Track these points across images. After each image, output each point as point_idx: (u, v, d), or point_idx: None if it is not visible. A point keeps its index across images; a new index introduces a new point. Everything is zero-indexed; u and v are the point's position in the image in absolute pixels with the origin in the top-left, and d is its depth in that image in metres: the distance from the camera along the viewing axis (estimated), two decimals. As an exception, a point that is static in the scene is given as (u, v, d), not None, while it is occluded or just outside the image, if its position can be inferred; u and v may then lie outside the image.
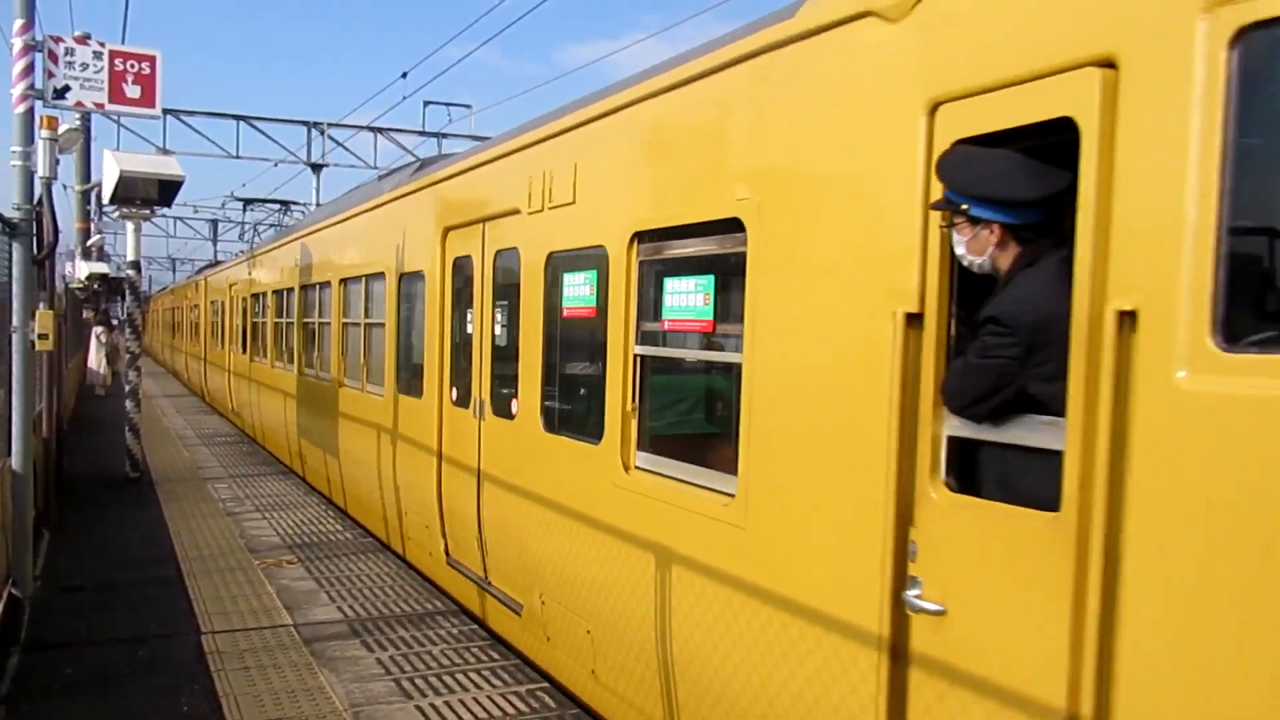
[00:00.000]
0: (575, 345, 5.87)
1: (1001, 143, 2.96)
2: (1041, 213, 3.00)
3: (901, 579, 3.18)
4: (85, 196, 19.31)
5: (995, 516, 2.92)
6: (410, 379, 8.39)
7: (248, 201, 35.39)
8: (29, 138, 7.82)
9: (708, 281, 4.51)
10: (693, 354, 4.96)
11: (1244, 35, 2.28)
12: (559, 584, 5.67)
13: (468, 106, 25.16)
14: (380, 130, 25.09)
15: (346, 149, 25.54)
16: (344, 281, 10.72)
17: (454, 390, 7.43)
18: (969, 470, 3.10)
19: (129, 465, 12.55)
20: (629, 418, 4.93)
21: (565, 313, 5.78)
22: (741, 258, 4.04)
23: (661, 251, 4.86)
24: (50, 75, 8.64)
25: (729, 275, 4.31)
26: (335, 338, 10.90)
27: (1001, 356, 2.92)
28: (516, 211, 6.24)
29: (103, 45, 9.04)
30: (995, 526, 2.91)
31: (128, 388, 12.77)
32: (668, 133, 4.75)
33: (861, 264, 3.40)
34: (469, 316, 7.12)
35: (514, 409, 6.31)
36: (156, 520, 10.24)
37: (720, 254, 4.39)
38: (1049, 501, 2.71)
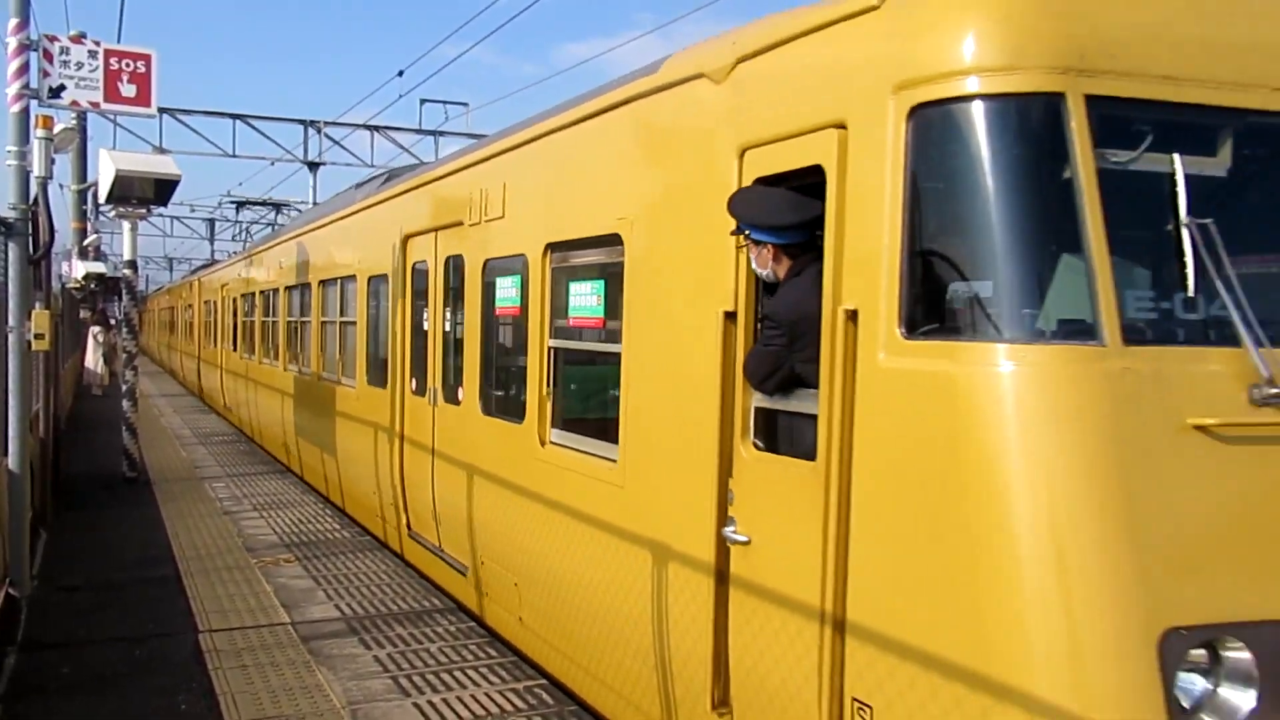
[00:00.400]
0: (506, 340, 6.78)
1: (786, 181, 3.83)
2: (805, 234, 3.79)
3: (723, 519, 4.07)
4: (82, 196, 19.30)
5: (781, 467, 3.81)
6: (377, 371, 9.26)
7: (241, 204, 36.02)
8: (24, 137, 7.82)
9: (600, 285, 5.43)
10: (589, 345, 5.75)
11: (915, 111, 3.20)
12: (494, 545, 6.54)
13: (464, 104, 25.19)
14: (377, 128, 25.08)
15: (343, 147, 25.55)
16: (322, 283, 11.60)
17: (413, 381, 8.26)
18: (771, 433, 3.98)
19: (126, 465, 12.54)
20: (545, 401, 5.80)
21: (498, 311, 6.69)
22: (621, 266, 4.92)
23: (568, 260, 5.77)
24: (45, 74, 8.62)
25: (614, 280, 5.12)
26: (315, 335, 11.76)
27: (774, 345, 3.84)
28: (461, 223, 7.13)
29: (98, 44, 9.02)
30: (781, 475, 3.78)
31: (124, 387, 12.76)
32: (569, 161, 5.72)
33: (700, 273, 4.30)
34: (425, 315, 7.97)
35: (460, 396, 7.18)
36: (154, 520, 10.24)
37: (608, 263, 5.24)
38: (812, 453, 3.54)
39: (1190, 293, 3.12)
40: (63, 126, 11.53)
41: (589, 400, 5.95)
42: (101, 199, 12.42)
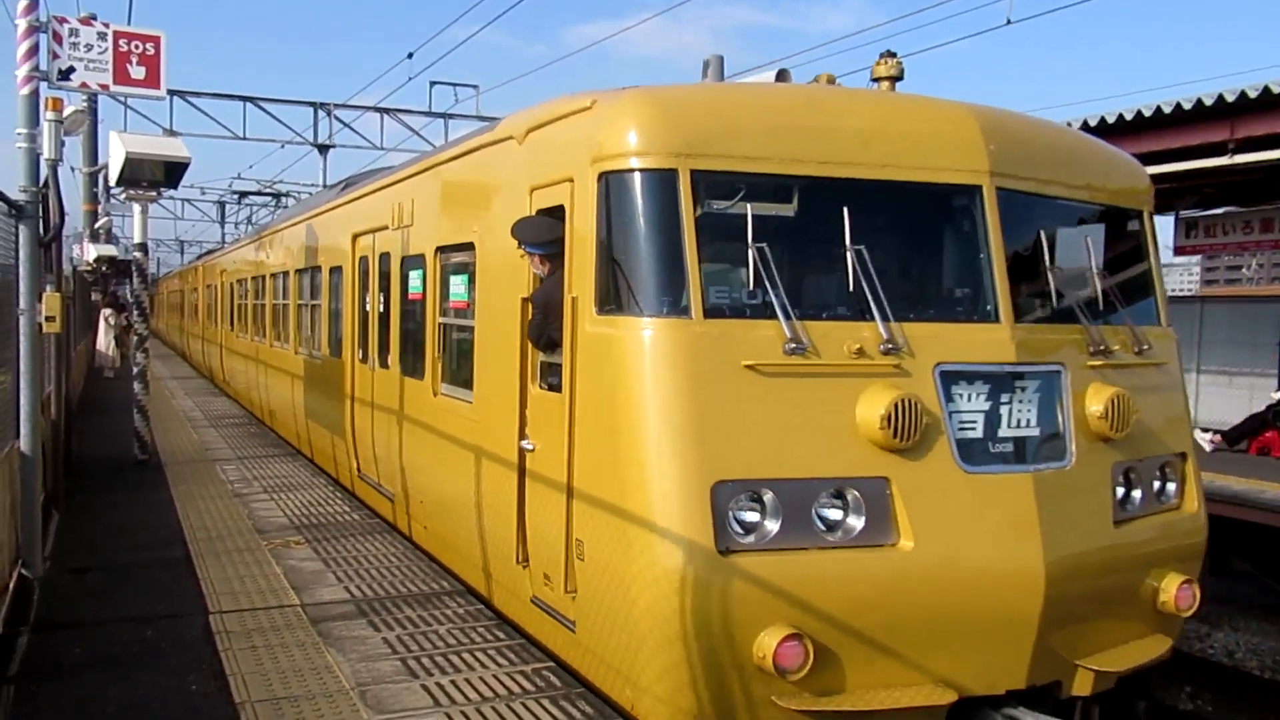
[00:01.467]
0: (415, 318, 8.55)
1: (554, 212, 5.79)
2: (557, 248, 5.72)
3: (522, 434, 6.10)
4: (92, 179, 19.35)
5: (549, 399, 5.83)
6: (335, 344, 11.38)
7: (243, 194, 38.47)
8: (34, 119, 7.81)
9: (465, 279, 7.34)
10: (460, 322, 7.56)
11: (602, 176, 5.27)
12: (409, 474, 8.60)
13: (474, 87, 25.12)
14: (387, 111, 25.04)
15: (354, 130, 25.57)
16: (297, 271, 13.83)
17: (359, 351, 10.28)
18: (549, 378, 5.95)
19: (137, 447, 12.60)
20: (436, 362, 7.96)
21: (410, 296, 8.64)
22: (474, 266, 7.05)
23: (449, 259, 7.79)
24: (55, 56, 8.59)
25: (473, 275, 7.14)
26: (293, 315, 13.98)
27: (537, 319, 5.87)
28: (387, 227, 9.24)
29: (107, 26, 9.00)
30: (549, 403, 5.83)
31: (135, 370, 12.81)
32: (446, 187, 7.90)
33: (509, 271, 6.36)
34: (366, 298, 10.04)
35: (389, 362, 9.20)
36: (165, 502, 10.30)
37: (469, 262, 7.21)
38: (561, 388, 5.59)
39: (752, 287, 5.05)
40: (73, 109, 11.51)
41: (462, 361, 7.62)
42: (112, 181, 12.42)
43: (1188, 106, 12.08)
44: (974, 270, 5.57)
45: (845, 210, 5.18)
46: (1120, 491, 5.72)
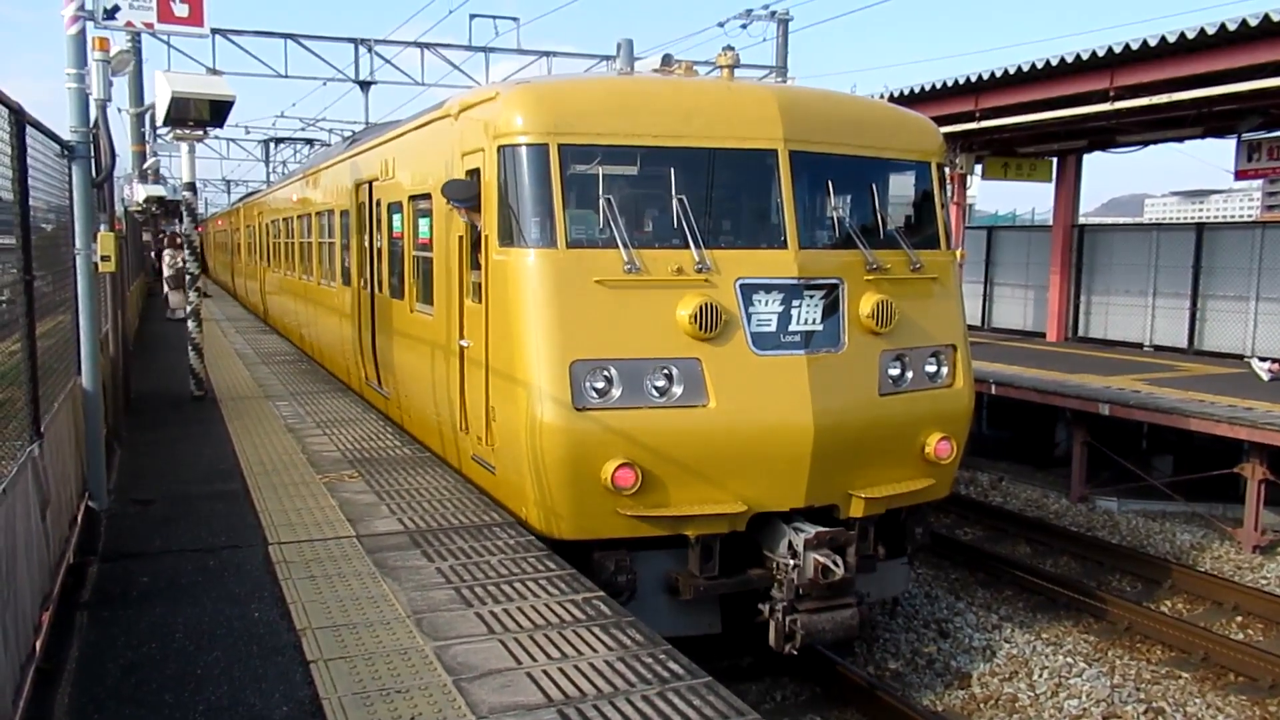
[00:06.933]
0: (398, 252, 10.54)
1: (476, 173, 7.68)
2: (475, 201, 7.62)
3: (460, 335, 8.16)
4: (139, 119, 19.49)
5: (476, 308, 7.76)
6: (345, 274, 13.55)
7: (277, 140, 41.93)
8: (81, 60, 7.85)
9: (429, 220, 9.16)
10: (427, 254, 9.27)
11: (500, 149, 7.32)
12: (399, 376, 10.55)
13: (515, 19, 24.73)
14: (427, 46, 24.82)
15: (395, 66, 25.32)
16: (316, 214, 16.09)
17: (363, 279, 12.23)
18: (476, 293, 7.80)
19: (194, 384, 12.85)
20: (412, 286, 9.91)
21: (394, 235, 10.67)
22: (432, 211, 9.00)
23: (418, 205, 9.69)
24: (99, -5, 8.61)
25: (431, 218, 9.08)
26: (315, 251, 16.16)
27: (471, 253, 8.06)
28: (378, 178, 11.31)
29: (149, -37, 8.98)
30: (476, 311, 7.77)
31: (189, 308, 13.02)
32: (413, 151, 9.91)
33: (453, 215, 8.20)
34: (365, 236, 12.09)
35: (382, 287, 11.24)
36: (221, 437, 10.53)
37: (430, 208, 9.10)
38: (480, 300, 7.69)
39: (602, 226, 7.01)
40: (118, 49, 11.56)
41: (427, 284, 9.32)
42: (159, 121, 12.49)
43: (1254, 23, 11.75)
44: (771, 211, 7.38)
45: (673, 170, 7.13)
46: (896, 371, 7.57)
